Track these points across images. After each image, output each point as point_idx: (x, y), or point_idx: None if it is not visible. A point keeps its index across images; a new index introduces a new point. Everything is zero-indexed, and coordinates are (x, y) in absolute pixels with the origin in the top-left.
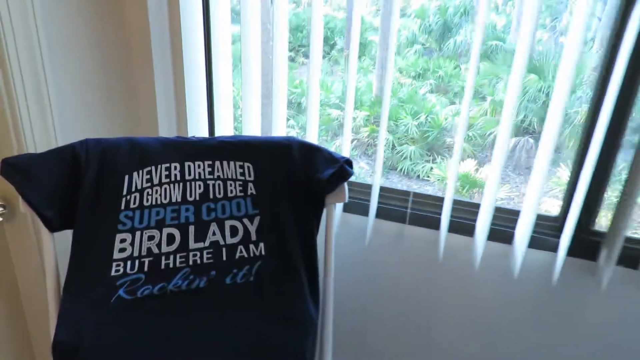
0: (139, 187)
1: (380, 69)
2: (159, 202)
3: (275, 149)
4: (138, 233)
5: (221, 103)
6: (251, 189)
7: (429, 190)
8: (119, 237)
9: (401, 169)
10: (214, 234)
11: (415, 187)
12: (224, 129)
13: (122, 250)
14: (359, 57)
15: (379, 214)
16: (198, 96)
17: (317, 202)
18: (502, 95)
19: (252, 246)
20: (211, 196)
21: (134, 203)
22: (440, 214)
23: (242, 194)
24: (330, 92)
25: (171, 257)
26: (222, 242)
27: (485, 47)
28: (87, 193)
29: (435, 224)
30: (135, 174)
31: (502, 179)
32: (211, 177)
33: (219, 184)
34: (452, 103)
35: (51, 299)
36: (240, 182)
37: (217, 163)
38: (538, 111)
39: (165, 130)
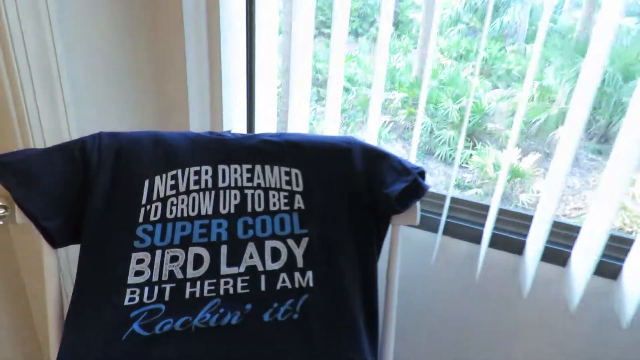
0: (161, 194)
1: (421, 48)
2: (185, 214)
3: (331, 153)
4: (159, 252)
5: (263, 91)
6: (299, 202)
7: (467, 178)
8: (135, 256)
9: (439, 154)
10: (250, 257)
11: (451, 173)
12: (266, 125)
13: (138, 273)
14: (399, 35)
15: (449, 230)
16: (236, 82)
17: (380, 223)
18: (550, 81)
19: (297, 275)
20: (249, 209)
21: (155, 215)
22: (526, 235)
23: (287, 207)
24: (368, 72)
25: (198, 284)
26: (260, 268)
27: (535, 28)
28: (98, 201)
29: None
30: (157, 178)
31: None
32: (250, 184)
33: (259, 194)
34: (496, 87)
35: (52, 328)
36: (286, 193)
37: (258, 168)
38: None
39: (197, 122)
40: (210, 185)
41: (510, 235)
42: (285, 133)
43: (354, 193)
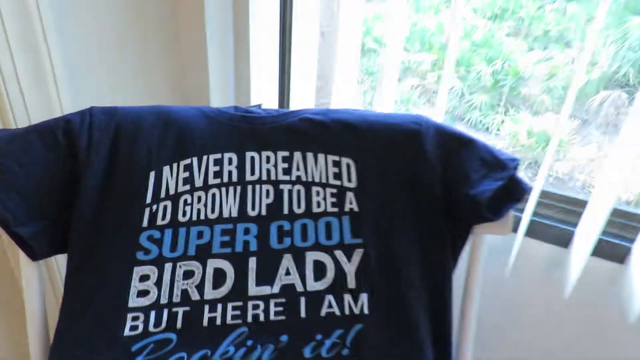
0: (172, 191)
1: (453, 7)
2: (202, 216)
3: (395, 138)
4: (168, 266)
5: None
6: (351, 203)
7: (498, 145)
8: (138, 271)
9: (469, 120)
10: (287, 273)
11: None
12: (304, 98)
13: (143, 293)
14: None
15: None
16: (267, 42)
17: (459, 231)
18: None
19: (348, 298)
20: (286, 210)
21: (164, 217)
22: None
23: (335, 209)
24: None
25: (219, 307)
26: (299, 288)
27: None
28: (88, 199)
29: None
30: (166, 169)
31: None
32: (287, 178)
33: (298, 191)
34: (532, 49)
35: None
36: (334, 190)
37: (298, 156)
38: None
39: (218, 96)
40: (235, 178)
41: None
42: (333, 110)
43: (424, 192)
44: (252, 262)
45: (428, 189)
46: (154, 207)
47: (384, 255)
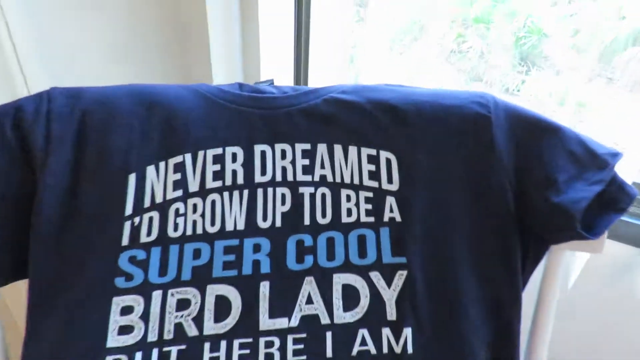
0: (158, 198)
1: None
2: (199, 230)
3: (453, 125)
4: (157, 295)
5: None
6: (392, 210)
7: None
8: (118, 302)
9: (487, 81)
10: (309, 300)
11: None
12: (329, 71)
13: (125, 330)
14: None
15: None
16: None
17: (533, 250)
18: None
19: (387, 332)
20: (307, 220)
21: (149, 233)
22: None
23: (371, 218)
24: None
25: (223, 345)
26: (325, 320)
27: None
28: (48, 214)
29: None
30: (151, 169)
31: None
32: (308, 178)
33: (323, 196)
34: (555, 4)
35: None
36: (370, 194)
37: (322, 149)
38: None
39: (221, 69)
40: (241, 180)
41: None
42: (369, 87)
43: (491, 199)
44: (265, 287)
45: (497, 196)
46: (137, 219)
47: (435, 279)
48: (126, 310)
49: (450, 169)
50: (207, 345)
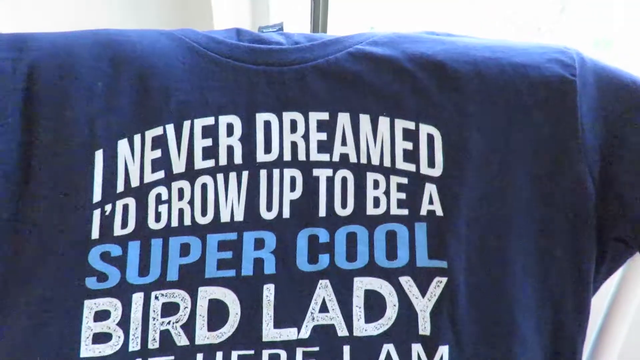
0: (134, 181)
1: None
2: (187, 221)
3: (523, 91)
4: (138, 298)
5: None
6: (432, 202)
7: None
8: (90, 307)
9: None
10: (324, 308)
11: None
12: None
13: (101, 338)
14: None
15: None
16: None
17: (613, 252)
18: None
19: (417, 349)
20: (322, 211)
21: (125, 224)
22: None
23: (404, 210)
24: None
25: (219, 357)
26: (342, 331)
27: None
28: None
29: None
30: (123, 144)
31: None
32: (325, 157)
33: (343, 180)
34: None
35: None
36: (404, 179)
37: (344, 120)
38: None
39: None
40: (239, 159)
41: None
42: (410, 36)
43: (567, 193)
44: (269, 291)
45: (573, 188)
46: (108, 207)
47: (482, 288)
48: (101, 316)
49: (514, 151)
50: (199, 357)
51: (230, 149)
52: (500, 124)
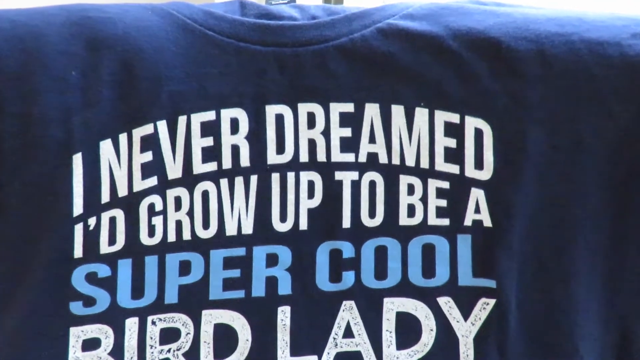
0: (122, 189)
1: None
2: (186, 234)
3: (596, 75)
4: (132, 323)
5: None
6: (478, 210)
7: None
8: (77, 335)
9: None
10: (348, 333)
11: None
12: None
13: None
14: None
15: None
16: None
17: None
18: None
19: None
20: (347, 221)
21: (113, 240)
22: None
23: (445, 220)
24: None
25: None
26: (371, 359)
27: None
28: None
29: None
30: (106, 146)
31: None
32: (350, 158)
33: (371, 184)
34: None
35: None
36: (446, 184)
37: (373, 111)
38: None
39: None
40: (246, 161)
41: None
42: (452, 6)
43: None
44: (284, 314)
45: None
46: (91, 221)
47: (538, 313)
48: (90, 344)
49: (584, 150)
50: None
51: (235, 149)
52: (567, 116)
